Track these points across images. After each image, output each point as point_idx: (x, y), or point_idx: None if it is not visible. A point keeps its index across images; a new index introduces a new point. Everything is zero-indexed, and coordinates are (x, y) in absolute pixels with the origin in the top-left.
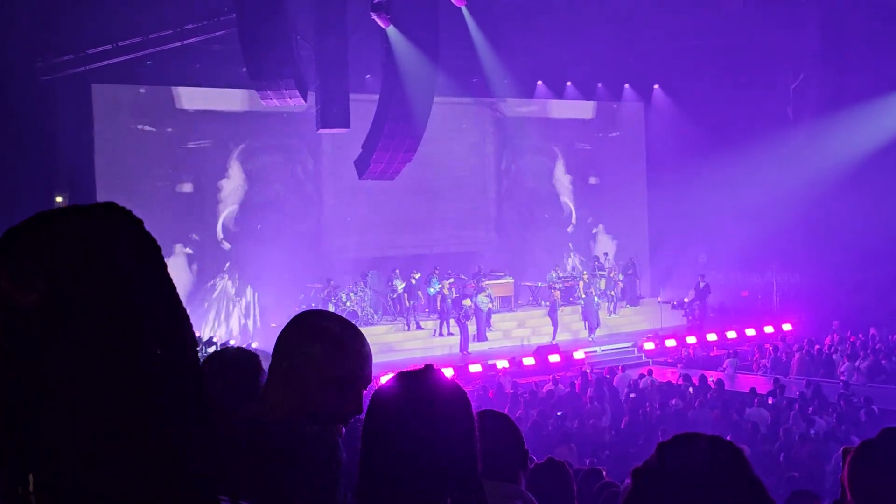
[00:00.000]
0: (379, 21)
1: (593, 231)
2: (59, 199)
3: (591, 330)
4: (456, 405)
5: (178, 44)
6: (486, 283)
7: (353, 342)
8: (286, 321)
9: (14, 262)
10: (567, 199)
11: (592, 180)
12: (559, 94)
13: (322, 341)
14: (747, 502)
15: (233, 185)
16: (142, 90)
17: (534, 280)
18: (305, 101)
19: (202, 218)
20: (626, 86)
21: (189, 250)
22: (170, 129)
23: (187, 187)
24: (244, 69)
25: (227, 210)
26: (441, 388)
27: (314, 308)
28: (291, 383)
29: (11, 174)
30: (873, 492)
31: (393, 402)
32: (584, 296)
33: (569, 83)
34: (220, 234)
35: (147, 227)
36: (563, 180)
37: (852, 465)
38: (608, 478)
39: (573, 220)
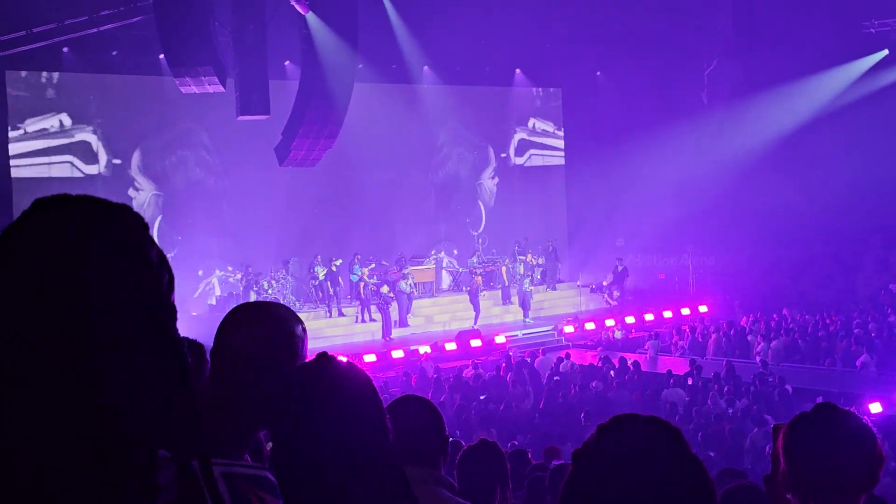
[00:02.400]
0: (298, 7)
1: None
2: None
3: (526, 313)
4: (358, 389)
5: (95, 30)
6: (409, 269)
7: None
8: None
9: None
10: (482, 203)
11: (514, 160)
12: (477, 79)
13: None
14: (688, 479)
15: (145, 197)
16: (45, 77)
17: (454, 265)
18: (224, 87)
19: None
20: (545, 71)
21: None
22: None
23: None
24: (162, 56)
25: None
26: (340, 374)
27: (236, 295)
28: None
29: None
30: (811, 461)
31: (294, 398)
32: (506, 282)
33: (487, 68)
34: None
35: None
36: (486, 183)
37: (788, 437)
38: (534, 460)
39: (482, 223)
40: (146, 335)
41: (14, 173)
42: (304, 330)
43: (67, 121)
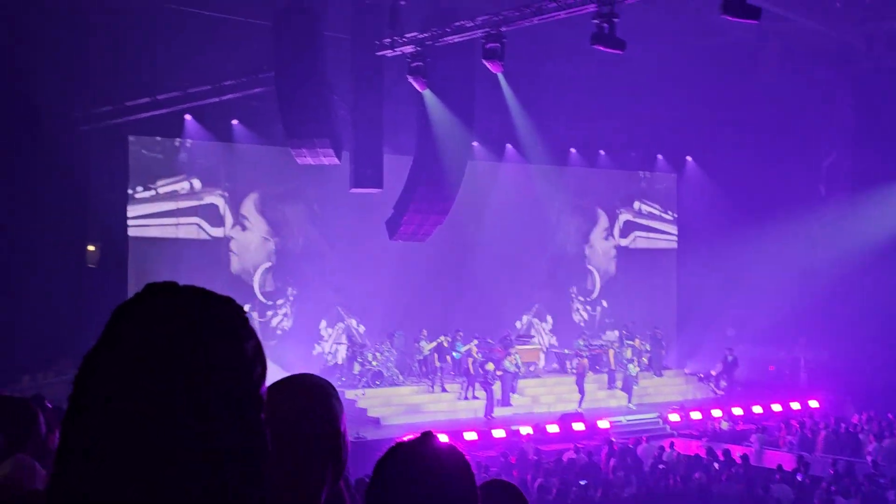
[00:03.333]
0: (415, 84)
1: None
2: (91, 248)
3: (630, 398)
4: (455, 472)
5: (217, 99)
6: (516, 348)
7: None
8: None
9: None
10: (593, 268)
11: (619, 241)
12: (592, 162)
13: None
14: None
15: (254, 237)
16: (178, 143)
17: (561, 347)
18: (339, 160)
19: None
20: (659, 156)
21: None
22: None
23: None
24: (280, 126)
25: (263, 266)
26: (439, 455)
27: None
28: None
29: (47, 220)
30: None
31: (393, 471)
32: (614, 366)
33: (602, 152)
34: (259, 295)
35: (175, 275)
36: (598, 246)
37: None
38: None
39: (596, 289)
40: (232, 425)
41: (142, 233)
42: (340, 405)
43: (198, 184)
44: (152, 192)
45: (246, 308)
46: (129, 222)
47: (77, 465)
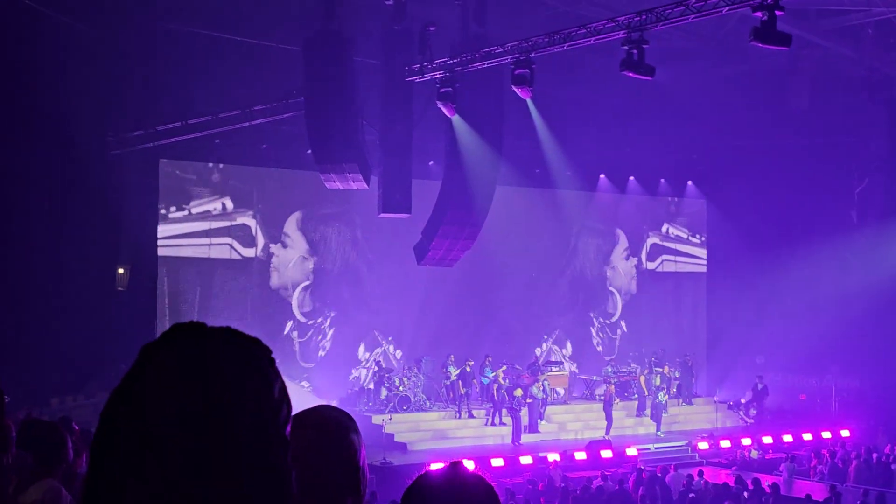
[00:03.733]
0: (444, 110)
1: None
2: (120, 270)
3: (658, 426)
4: (484, 502)
5: (247, 124)
6: (544, 374)
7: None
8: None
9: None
10: (615, 289)
11: (646, 265)
12: (621, 188)
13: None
14: None
15: (294, 254)
16: (210, 166)
17: (589, 374)
18: (368, 185)
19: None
20: (689, 183)
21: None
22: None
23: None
24: (309, 151)
25: (301, 286)
26: (467, 484)
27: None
28: None
29: (77, 243)
30: None
31: (420, 501)
32: (646, 392)
33: (631, 178)
34: (298, 315)
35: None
36: (619, 266)
37: None
38: None
39: (617, 312)
40: (259, 469)
41: (173, 252)
42: (359, 437)
43: (230, 204)
44: (185, 213)
45: (287, 327)
46: (160, 242)
47: None
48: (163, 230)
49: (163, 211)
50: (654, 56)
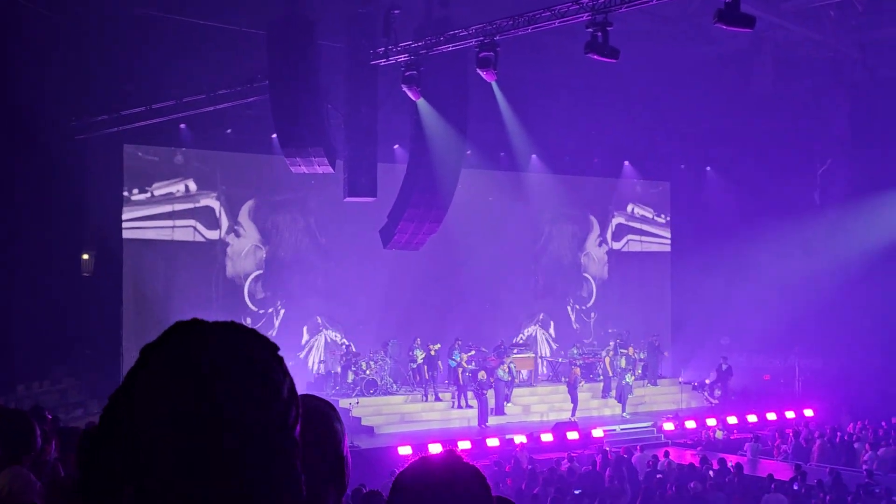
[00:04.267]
0: (409, 93)
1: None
2: (85, 256)
3: (624, 408)
4: (475, 492)
5: (212, 108)
6: (510, 357)
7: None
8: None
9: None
10: (589, 276)
11: (612, 245)
12: (585, 170)
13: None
14: None
15: (247, 244)
16: (173, 150)
17: (555, 356)
18: (333, 169)
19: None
20: (652, 165)
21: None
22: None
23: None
24: (274, 135)
25: (253, 274)
26: (461, 474)
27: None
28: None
29: (42, 228)
30: None
31: (414, 486)
32: (611, 374)
33: (595, 160)
34: (248, 303)
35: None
36: (593, 253)
37: None
38: None
39: (592, 297)
40: (267, 467)
41: (137, 235)
42: (342, 426)
43: (193, 186)
44: (147, 195)
45: (248, 322)
46: (125, 224)
47: None
48: (127, 213)
49: (126, 193)
50: (618, 38)
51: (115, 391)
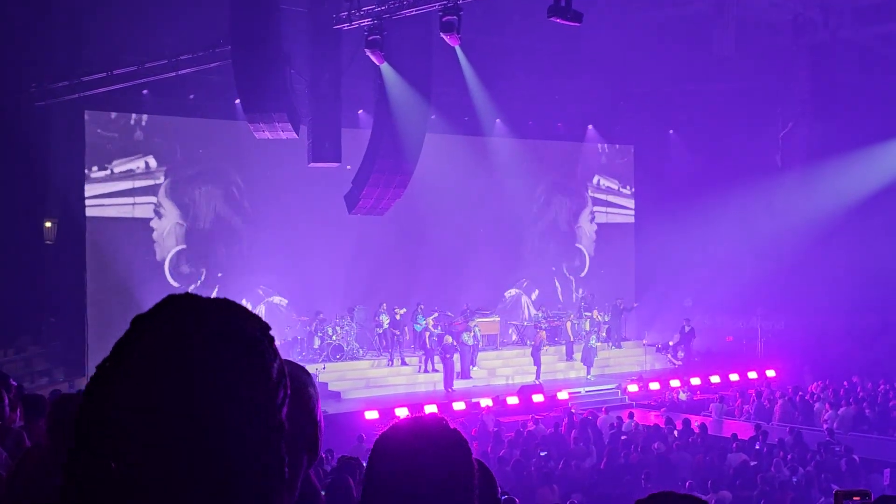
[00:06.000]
0: (373, 58)
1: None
2: (48, 224)
3: (589, 370)
4: (459, 458)
5: (173, 74)
6: (475, 321)
7: None
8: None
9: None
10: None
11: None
12: (549, 134)
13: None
14: None
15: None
16: (133, 121)
17: (520, 319)
18: (297, 134)
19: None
20: (617, 128)
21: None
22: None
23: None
24: (237, 101)
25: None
26: (443, 439)
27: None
28: None
29: (2, 197)
30: None
31: (396, 445)
32: (572, 338)
33: (559, 124)
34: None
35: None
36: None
37: None
38: None
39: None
40: (252, 448)
41: (99, 213)
42: (316, 392)
43: (153, 162)
44: (107, 172)
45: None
46: (87, 202)
47: (87, 485)
48: (89, 189)
49: (86, 171)
50: (581, 2)
51: (103, 361)
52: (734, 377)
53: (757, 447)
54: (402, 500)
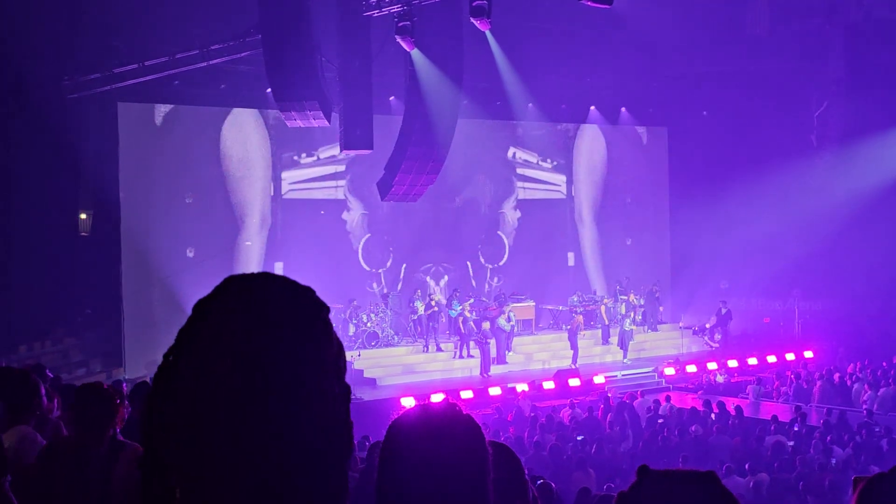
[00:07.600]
0: (403, 44)
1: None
2: (83, 215)
3: (625, 354)
4: (471, 443)
5: (205, 64)
6: (509, 306)
7: None
8: None
9: None
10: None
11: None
12: (583, 118)
13: None
14: None
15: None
16: (167, 109)
17: (555, 303)
18: (329, 122)
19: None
20: (650, 110)
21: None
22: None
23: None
24: (269, 90)
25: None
26: (455, 423)
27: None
28: None
29: (38, 190)
30: None
31: (409, 430)
32: (606, 321)
33: (592, 107)
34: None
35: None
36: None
37: (862, 495)
38: None
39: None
40: (320, 413)
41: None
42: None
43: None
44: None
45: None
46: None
47: (161, 467)
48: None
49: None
50: None
51: (169, 350)
52: (772, 359)
53: (796, 429)
54: (417, 484)
